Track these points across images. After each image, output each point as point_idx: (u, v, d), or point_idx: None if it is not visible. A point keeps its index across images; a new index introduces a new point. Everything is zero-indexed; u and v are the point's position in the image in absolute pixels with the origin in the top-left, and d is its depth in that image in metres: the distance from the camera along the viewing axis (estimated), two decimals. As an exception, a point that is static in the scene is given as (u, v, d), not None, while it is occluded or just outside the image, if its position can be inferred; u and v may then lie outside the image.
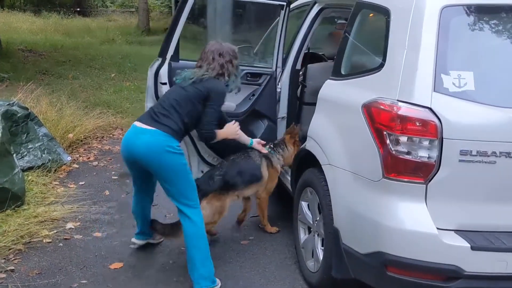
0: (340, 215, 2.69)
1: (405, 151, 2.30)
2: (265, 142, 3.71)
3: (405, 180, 2.32)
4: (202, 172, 3.91)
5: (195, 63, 3.29)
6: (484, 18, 2.44)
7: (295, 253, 3.58)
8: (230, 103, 3.85)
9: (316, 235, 3.15)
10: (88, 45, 14.70)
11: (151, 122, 3.04)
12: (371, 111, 2.46)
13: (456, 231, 2.32)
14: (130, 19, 22.94)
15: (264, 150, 3.68)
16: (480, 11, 2.45)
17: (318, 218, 3.12)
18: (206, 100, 3.12)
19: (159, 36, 18.41)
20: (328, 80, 3.08)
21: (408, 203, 2.33)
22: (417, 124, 2.26)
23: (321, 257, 3.04)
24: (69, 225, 3.93)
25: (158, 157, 2.97)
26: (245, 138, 3.57)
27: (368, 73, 2.67)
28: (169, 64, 3.62)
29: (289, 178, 3.80)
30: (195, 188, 3.12)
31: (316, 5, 3.89)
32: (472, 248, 2.22)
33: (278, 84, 4.02)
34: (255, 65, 4.51)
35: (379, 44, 2.71)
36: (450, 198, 2.31)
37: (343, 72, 2.99)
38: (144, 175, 3.29)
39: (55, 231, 3.80)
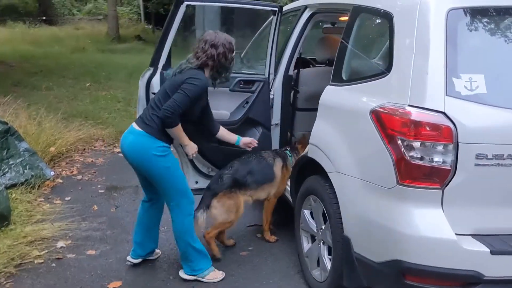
0: (351, 224, 2.64)
1: (420, 156, 2.26)
2: (251, 140, 3.63)
3: (421, 186, 2.28)
4: (197, 182, 3.83)
5: None
6: (491, 20, 2.43)
7: (297, 262, 3.52)
8: (224, 111, 3.78)
9: (321, 243, 3.09)
10: (59, 54, 14.33)
11: (140, 122, 3.10)
12: (380, 117, 2.42)
13: (473, 235, 2.29)
14: (99, 27, 22.50)
15: (249, 148, 3.63)
16: (486, 13, 2.44)
17: (323, 227, 3.06)
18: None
19: (130, 43, 18.19)
20: (329, 86, 3.04)
21: (425, 209, 2.29)
22: (432, 129, 2.23)
23: (328, 266, 2.98)
24: (60, 243, 3.77)
25: (140, 158, 3.05)
26: (230, 137, 3.53)
27: (373, 78, 2.63)
28: (161, 74, 3.51)
29: (287, 187, 3.74)
30: (179, 190, 3.13)
31: (307, 9, 3.85)
32: (492, 252, 2.20)
33: (270, 91, 3.95)
34: (242, 71, 4.44)
35: (383, 49, 2.69)
36: (466, 203, 2.29)
37: (344, 78, 2.94)
38: (146, 178, 3.25)
39: (46, 251, 3.64)
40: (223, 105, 3.77)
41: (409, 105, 2.31)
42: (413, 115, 2.27)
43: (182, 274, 3.31)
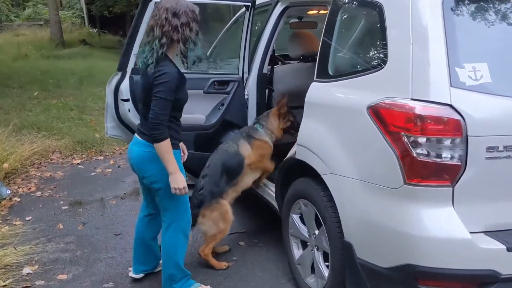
0: (352, 228, 2.48)
1: (428, 153, 2.12)
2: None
3: (430, 184, 2.14)
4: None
5: None
6: (489, 4, 2.32)
7: (287, 270, 3.35)
8: (200, 115, 3.56)
9: (315, 249, 2.93)
10: (-1, 63, 13.56)
11: (140, 132, 2.83)
12: (380, 113, 2.27)
13: (486, 232, 2.18)
14: (41, 33, 21.53)
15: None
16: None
17: (316, 232, 2.90)
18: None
19: (76, 48, 17.47)
20: (315, 83, 2.87)
21: (435, 209, 2.16)
22: (439, 123, 2.10)
23: (325, 273, 2.82)
24: (26, 270, 3.43)
25: (149, 169, 2.80)
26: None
27: (365, 72, 2.48)
28: (131, 78, 3.25)
29: (270, 192, 3.55)
30: (180, 207, 2.89)
31: (279, 4, 3.67)
32: (508, 249, 2.09)
33: (245, 90, 3.76)
34: (209, 72, 4.23)
35: (374, 41, 2.55)
36: (477, 199, 2.17)
37: (331, 73, 2.78)
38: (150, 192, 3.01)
39: (11, 280, 3.29)
40: (198, 109, 3.54)
41: (412, 99, 2.17)
42: (418, 109, 2.13)
43: None
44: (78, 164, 6.07)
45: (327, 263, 2.83)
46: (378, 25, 2.45)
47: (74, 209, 4.63)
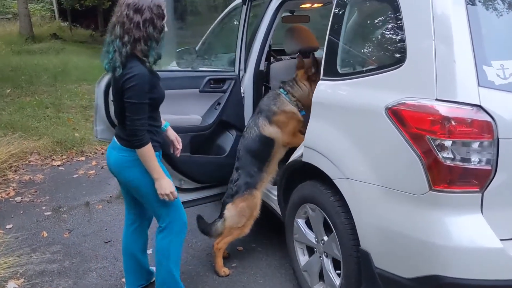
0: (370, 236, 2.34)
1: (455, 157, 1.99)
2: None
3: (458, 190, 2.01)
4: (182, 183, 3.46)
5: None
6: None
7: (290, 277, 3.22)
8: (196, 116, 3.37)
9: (324, 256, 2.79)
10: (-35, 59, 13.01)
11: (116, 135, 2.67)
12: (401, 115, 2.12)
13: (514, 239, 2.07)
14: (9, 27, 20.79)
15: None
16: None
17: (325, 238, 2.76)
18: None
19: (47, 43, 16.91)
20: (322, 82, 2.71)
21: (463, 216, 2.02)
22: (468, 125, 1.96)
23: (336, 282, 2.69)
24: (11, 284, 3.21)
25: (128, 175, 2.62)
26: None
27: (381, 70, 2.32)
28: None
29: (271, 195, 3.39)
30: (170, 210, 2.71)
31: (276, -3, 3.49)
32: (541, 257, 1.98)
33: (241, 88, 3.57)
34: (200, 69, 4.05)
35: (390, 37, 2.40)
36: (506, 205, 2.04)
37: (341, 72, 2.62)
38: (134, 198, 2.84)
39: (-5, 296, 3.07)
40: (193, 109, 3.35)
41: (437, 99, 2.03)
42: (444, 110, 1.99)
43: None
44: (58, 166, 5.80)
45: (337, 271, 2.70)
46: (394, 19, 2.30)
47: (58, 215, 4.39)
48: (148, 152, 2.47)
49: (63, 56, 13.76)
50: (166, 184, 2.53)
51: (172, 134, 2.87)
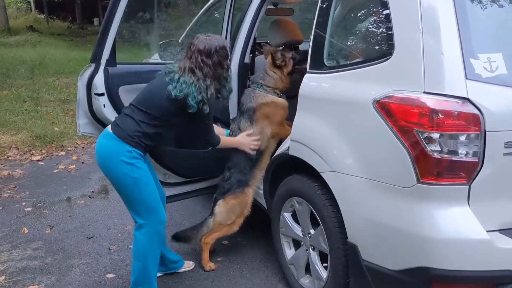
0: (358, 229, 2.34)
1: (444, 150, 1.99)
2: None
3: (445, 183, 2.02)
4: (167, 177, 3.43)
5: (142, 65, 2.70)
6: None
7: (276, 270, 3.21)
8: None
9: (311, 249, 2.79)
10: None
11: (114, 125, 2.74)
12: (389, 108, 2.12)
13: (500, 230, 2.09)
14: (-16, 19, 20.38)
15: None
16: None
17: (311, 231, 2.76)
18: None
19: (23, 35, 16.62)
20: (308, 74, 2.69)
21: (450, 208, 2.03)
22: (456, 118, 1.96)
23: (323, 275, 2.69)
24: (-8, 282, 3.14)
25: (107, 163, 2.67)
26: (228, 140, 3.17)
27: (369, 63, 2.32)
28: (105, 70, 2.97)
29: (257, 189, 3.37)
30: (148, 207, 2.72)
31: (262, -12, 3.45)
32: (527, 248, 2.01)
33: (225, 81, 3.53)
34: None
35: (377, 30, 2.40)
36: (492, 197, 2.06)
37: (328, 64, 2.62)
38: None
39: (-24, 295, 3.00)
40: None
41: (425, 92, 2.03)
42: (432, 103, 1.99)
43: None
44: (38, 160, 5.69)
45: (324, 264, 2.70)
46: (380, 11, 2.30)
47: (39, 211, 4.31)
48: (223, 144, 3.01)
49: (40, 49, 13.52)
50: (245, 140, 3.11)
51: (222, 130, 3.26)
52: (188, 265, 3.27)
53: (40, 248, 3.62)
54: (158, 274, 3.12)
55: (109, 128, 2.70)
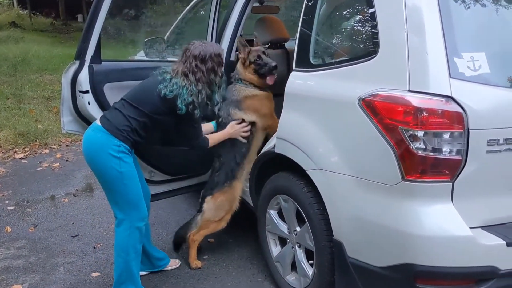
0: (343, 226, 2.36)
1: (428, 148, 2.01)
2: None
3: (430, 180, 2.04)
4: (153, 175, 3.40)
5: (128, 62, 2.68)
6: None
7: (262, 268, 3.22)
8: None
9: (297, 246, 2.80)
10: None
11: (103, 118, 2.75)
12: (374, 106, 2.14)
13: (483, 227, 2.12)
14: (-35, 14, 20.11)
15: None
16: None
17: (297, 229, 2.77)
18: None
19: (5, 31, 16.41)
20: (294, 72, 2.70)
21: (435, 205, 2.06)
22: (440, 116, 1.99)
23: (309, 272, 2.70)
24: (-25, 282, 3.10)
25: (94, 155, 2.68)
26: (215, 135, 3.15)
27: (354, 61, 2.33)
28: (90, 67, 2.94)
29: (244, 188, 3.37)
30: (130, 202, 2.73)
31: (248, -15, 3.44)
32: (508, 244, 2.03)
33: (211, 79, 3.52)
34: (169, 59, 3.97)
35: (363, 28, 2.41)
36: (475, 194, 2.09)
37: (313, 63, 2.63)
38: None
39: (-42, 295, 2.96)
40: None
41: (410, 91, 2.05)
42: (417, 102, 2.01)
43: None
44: (21, 158, 5.62)
45: (310, 261, 2.72)
46: (366, 10, 2.31)
47: (22, 209, 4.26)
48: (212, 142, 3.01)
49: (23, 45, 13.35)
50: (234, 129, 3.10)
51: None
52: (174, 263, 3.27)
53: (23, 247, 3.58)
54: (144, 272, 3.12)
55: (97, 121, 2.70)
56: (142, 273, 3.14)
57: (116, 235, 2.79)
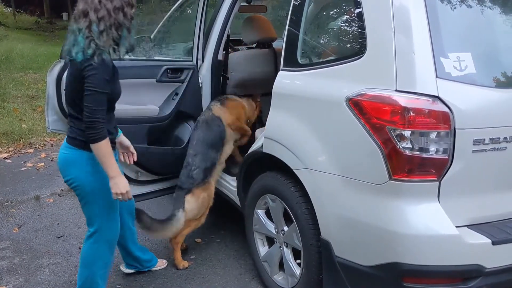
0: (331, 226, 2.37)
1: (415, 147, 2.03)
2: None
3: (417, 180, 2.06)
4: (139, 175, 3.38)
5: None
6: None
7: (249, 267, 3.21)
8: (153, 106, 3.29)
9: (284, 246, 2.80)
10: None
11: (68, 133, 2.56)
12: (361, 105, 2.15)
13: (469, 226, 2.14)
14: None
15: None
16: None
17: (285, 228, 2.77)
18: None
19: (-9, 30, 16.15)
20: (282, 72, 2.70)
21: (421, 205, 2.07)
22: (427, 116, 2.00)
23: (297, 271, 2.71)
24: (-43, 284, 3.04)
25: (72, 176, 2.49)
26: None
27: (342, 61, 2.34)
28: (75, 66, 2.90)
29: (229, 186, 3.36)
30: (106, 214, 2.56)
31: (235, -15, 3.44)
32: (493, 243, 2.05)
33: (199, 78, 3.52)
34: (155, 58, 3.96)
35: (350, 28, 2.41)
36: (461, 193, 2.11)
37: (301, 62, 2.63)
38: None
39: None
40: (150, 99, 3.27)
41: (397, 90, 2.06)
42: (404, 101, 2.02)
43: None
44: (5, 158, 5.55)
45: (298, 261, 2.72)
46: (353, 10, 2.32)
47: (6, 209, 4.20)
48: (106, 148, 2.30)
49: (6, 44, 13.16)
50: (122, 183, 2.37)
51: (126, 140, 2.73)
52: (161, 263, 3.24)
53: (7, 248, 3.53)
54: (130, 271, 3.10)
55: (65, 139, 2.51)
56: (128, 271, 3.13)
57: (84, 246, 2.64)
